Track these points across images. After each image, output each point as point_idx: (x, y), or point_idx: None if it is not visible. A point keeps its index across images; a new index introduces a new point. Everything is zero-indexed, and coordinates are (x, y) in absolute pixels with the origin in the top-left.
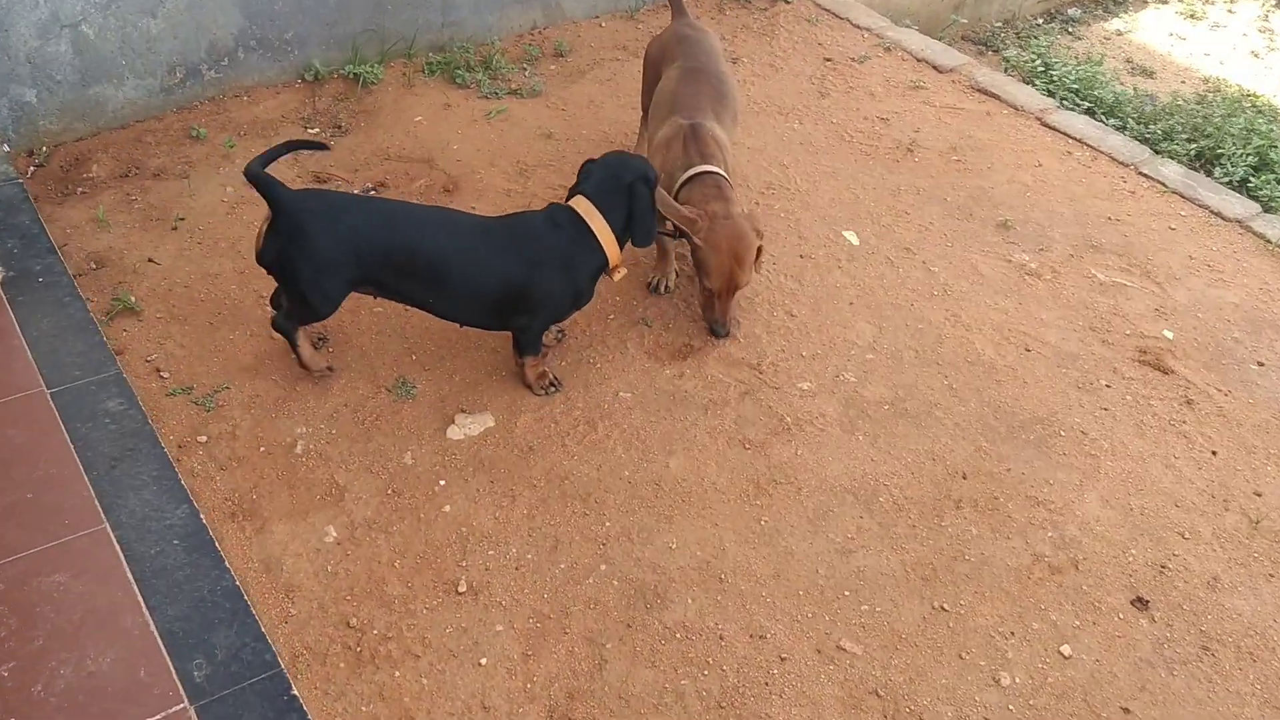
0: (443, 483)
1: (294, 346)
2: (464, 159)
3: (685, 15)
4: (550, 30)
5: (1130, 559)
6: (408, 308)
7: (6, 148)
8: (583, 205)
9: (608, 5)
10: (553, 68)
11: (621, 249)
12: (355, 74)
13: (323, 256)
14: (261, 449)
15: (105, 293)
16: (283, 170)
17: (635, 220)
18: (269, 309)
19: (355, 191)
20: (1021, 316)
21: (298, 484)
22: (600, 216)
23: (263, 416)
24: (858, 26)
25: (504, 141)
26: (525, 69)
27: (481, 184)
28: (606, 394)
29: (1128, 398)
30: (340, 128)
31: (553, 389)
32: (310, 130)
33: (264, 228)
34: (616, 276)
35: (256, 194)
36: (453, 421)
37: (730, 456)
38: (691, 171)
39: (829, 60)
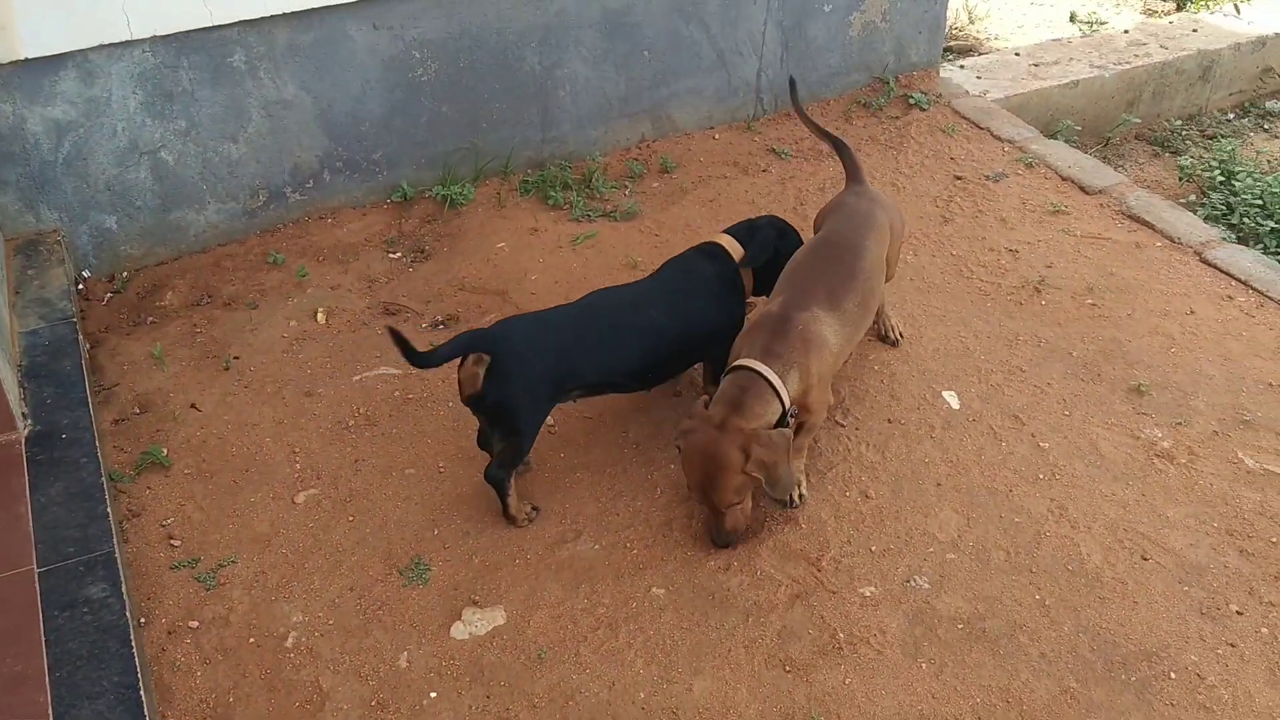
0: (434, 694)
1: (505, 497)
2: (539, 291)
3: (858, 182)
4: (659, 143)
5: None
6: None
7: (88, 273)
8: (725, 239)
9: (724, 115)
10: (655, 185)
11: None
12: (443, 195)
13: (543, 388)
14: (251, 639)
15: (141, 442)
16: (354, 300)
17: (752, 244)
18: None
19: (424, 325)
20: (1143, 512)
21: (279, 686)
22: (738, 245)
23: (262, 599)
24: (999, 138)
25: (586, 271)
26: (626, 187)
27: None
28: (638, 589)
29: (1263, 630)
30: (423, 252)
31: None
32: (392, 255)
33: (479, 370)
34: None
35: (316, 331)
36: (460, 617)
37: (766, 680)
38: (737, 363)
39: (959, 179)
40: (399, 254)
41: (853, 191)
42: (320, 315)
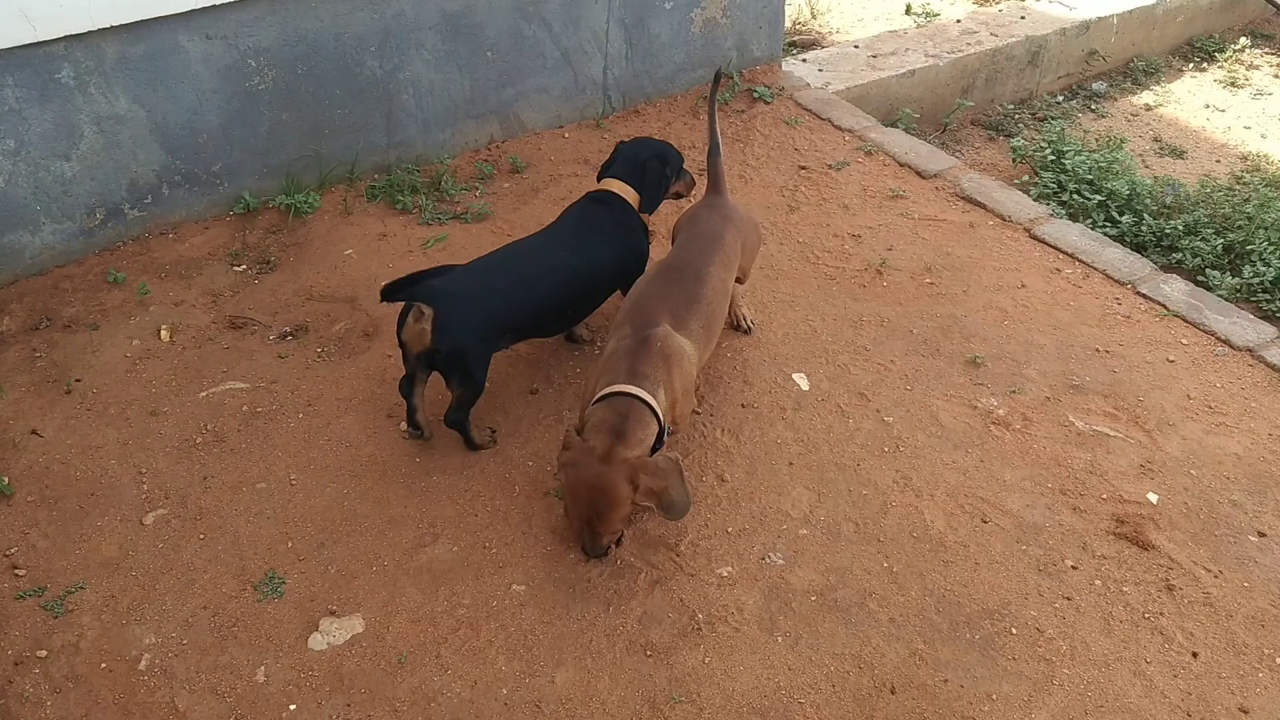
0: (293, 707)
1: (469, 434)
2: None
3: (717, 193)
4: (509, 144)
5: None
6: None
7: None
8: (615, 185)
9: (572, 114)
10: (506, 185)
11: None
12: (288, 204)
13: (489, 329)
14: (104, 665)
15: None
16: (199, 315)
17: (643, 191)
18: (404, 401)
19: (271, 337)
20: (981, 477)
21: (134, 710)
22: (630, 189)
23: (113, 623)
24: (840, 128)
25: None
26: (477, 188)
27: None
28: (498, 586)
29: (1096, 583)
30: (268, 263)
31: None
32: (237, 268)
33: (425, 327)
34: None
35: (160, 349)
36: (317, 628)
37: (627, 666)
38: (607, 390)
39: (804, 169)
40: (244, 266)
41: (708, 204)
42: (164, 333)
